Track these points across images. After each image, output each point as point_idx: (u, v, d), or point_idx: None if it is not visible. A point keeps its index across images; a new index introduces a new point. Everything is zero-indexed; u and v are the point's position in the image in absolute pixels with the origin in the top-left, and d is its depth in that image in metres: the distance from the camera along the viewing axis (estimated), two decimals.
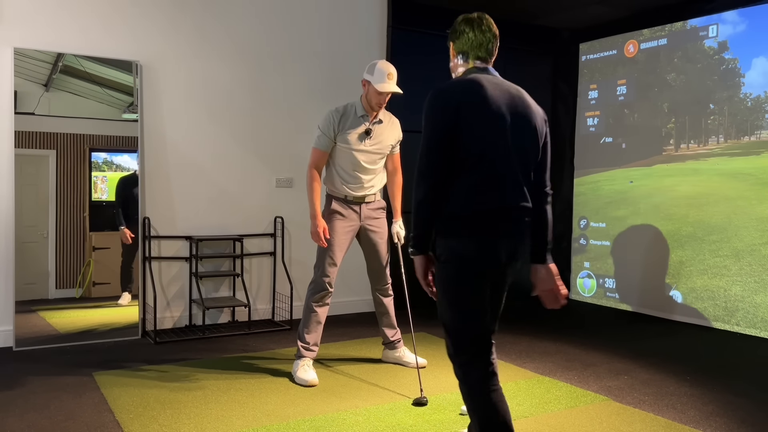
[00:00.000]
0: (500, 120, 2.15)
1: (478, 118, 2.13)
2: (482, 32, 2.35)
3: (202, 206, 4.79)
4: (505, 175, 2.15)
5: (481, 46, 2.33)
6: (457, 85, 2.20)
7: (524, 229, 2.22)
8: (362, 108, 3.61)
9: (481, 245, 2.14)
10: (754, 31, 4.90)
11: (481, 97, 2.15)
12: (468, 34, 2.34)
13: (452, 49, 2.39)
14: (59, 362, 3.85)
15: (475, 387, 2.21)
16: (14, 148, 4.13)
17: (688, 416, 3.16)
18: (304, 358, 3.61)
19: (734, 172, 5.01)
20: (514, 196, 2.17)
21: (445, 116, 2.13)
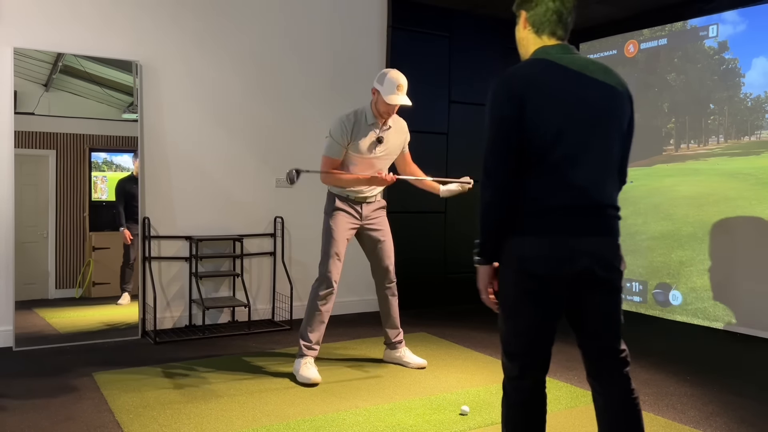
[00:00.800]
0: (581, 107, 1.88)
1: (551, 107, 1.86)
2: (562, 3, 2.00)
3: (202, 206, 4.79)
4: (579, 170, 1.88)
5: (560, 20, 2.00)
6: (525, 70, 1.92)
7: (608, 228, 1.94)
8: (372, 116, 3.58)
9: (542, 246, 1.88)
10: (754, 31, 4.90)
11: (557, 81, 1.88)
12: (547, 3, 1.99)
13: (523, 18, 2.04)
14: (59, 362, 3.85)
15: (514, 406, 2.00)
16: (14, 148, 4.13)
17: (688, 416, 3.16)
18: (306, 357, 3.61)
19: (734, 172, 5.01)
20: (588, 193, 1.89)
21: (510, 107, 1.87)
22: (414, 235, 5.59)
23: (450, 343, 4.46)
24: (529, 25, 2.04)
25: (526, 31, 2.05)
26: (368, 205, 3.72)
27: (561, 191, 1.88)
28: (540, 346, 1.98)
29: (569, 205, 1.88)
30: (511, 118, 1.87)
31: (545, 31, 2.01)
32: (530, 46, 2.04)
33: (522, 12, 2.06)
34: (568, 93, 1.89)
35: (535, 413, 2.01)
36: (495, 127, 1.90)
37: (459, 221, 5.87)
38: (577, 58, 1.97)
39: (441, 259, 5.81)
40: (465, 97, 5.85)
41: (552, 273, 1.89)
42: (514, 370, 2.00)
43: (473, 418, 3.07)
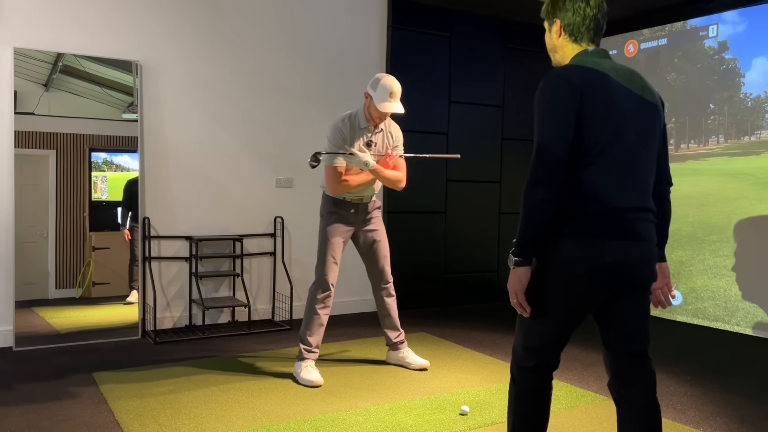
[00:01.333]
0: (625, 112, 1.90)
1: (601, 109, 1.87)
2: (598, 8, 2.00)
3: (202, 206, 4.79)
4: (624, 173, 1.90)
5: (598, 27, 2.01)
6: (578, 71, 1.90)
7: (645, 231, 1.94)
8: (365, 119, 3.57)
9: (587, 248, 1.87)
10: (754, 31, 4.91)
11: (604, 86, 1.89)
12: (584, 10, 1.98)
13: (558, 26, 2.03)
14: (59, 362, 3.85)
15: (524, 395, 2.05)
16: (14, 148, 4.13)
17: (688, 416, 3.16)
18: (307, 360, 3.60)
19: (734, 172, 5.01)
20: (635, 197, 1.92)
21: (569, 104, 1.85)
22: (414, 235, 5.59)
23: (450, 343, 4.46)
24: (565, 33, 2.03)
25: (563, 39, 2.04)
26: (364, 206, 3.72)
27: (608, 196, 1.88)
28: (560, 345, 2.03)
29: (615, 209, 1.89)
30: (569, 119, 1.85)
31: (584, 39, 2.02)
32: (567, 54, 2.04)
33: (556, 20, 2.04)
34: (618, 103, 1.91)
35: (542, 403, 2.06)
36: (552, 121, 1.87)
37: (459, 221, 5.87)
38: (620, 68, 1.99)
39: (441, 259, 5.81)
40: (465, 97, 5.85)
41: (595, 276, 1.89)
42: (529, 363, 2.04)
43: (473, 418, 3.07)
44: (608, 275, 1.89)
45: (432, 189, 5.73)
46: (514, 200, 6.18)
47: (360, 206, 3.70)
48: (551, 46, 2.10)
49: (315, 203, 5.03)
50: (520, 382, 2.06)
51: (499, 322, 5.18)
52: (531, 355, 2.03)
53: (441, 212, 5.80)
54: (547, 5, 2.08)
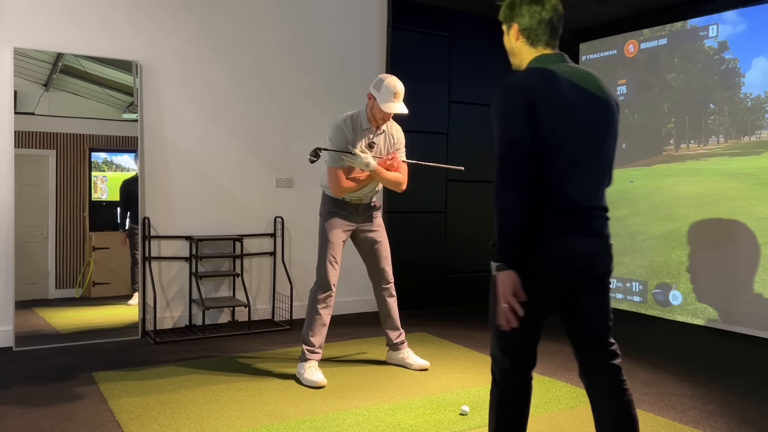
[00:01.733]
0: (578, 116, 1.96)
1: (555, 114, 1.93)
2: (554, 12, 2.07)
3: (202, 206, 4.79)
4: (582, 173, 1.97)
5: (553, 30, 2.07)
6: (532, 77, 1.97)
7: (600, 227, 2.02)
8: (366, 120, 3.56)
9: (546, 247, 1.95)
10: (754, 31, 4.91)
11: (557, 91, 1.95)
12: (540, 14, 2.05)
13: (515, 30, 2.09)
14: (59, 362, 3.85)
15: (506, 396, 2.10)
16: (14, 148, 4.13)
17: (688, 416, 3.16)
18: (310, 361, 3.60)
19: (734, 172, 5.01)
20: (589, 196, 2.00)
21: (523, 114, 1.92)
22: (414, 235, 5.59)
23: (450, 343, 4.46)
24: (522, 37, 2.09)
25: (520, 42, 2.10)
26: (364, 207, 3.71)
27: (563, 196, 1.96)
28: (532, 342, 2.08)
29: (570, 209, 1.97)
30: (524, 124, 1.92)
31: (540, 42, 2.08)
32: (525, 57, 2.10)
33: (514, 24, 2.10)
34: (572, 104, 1.96)
35: (522, 403, 2.12)
36: (508, 133, 1.95)
37: (459, 221, 5.87)
38: (575, 69, 2.04)
39: (441, 259, 5.81)
40: (465, 97, 5.85)
41: (554, 273, 1.98)
42: (506, 363, 2.09)
43: (473, 418, 3.07)
44: (567, 270, 1.97)
45: (432, 189, 5.73)
46: None
47: (360, 207, 3.69)
48: (509, 49, 2.16)
49: (315, 203, 5.03)
50: (502, 384, 2.12)
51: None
52: (509, 355, 2.09)
53: (441, 212, 5.80)
54: (505, 9, 2.13)
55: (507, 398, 2.11)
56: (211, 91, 4.80)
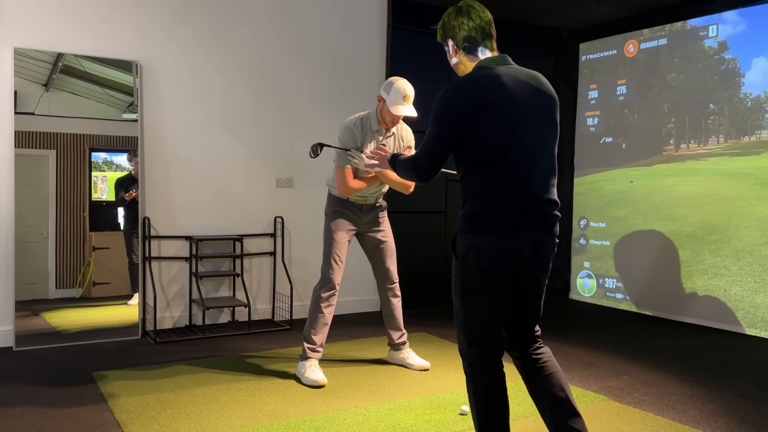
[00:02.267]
0: (521, 115, 2.08)
1: (497, 115, 2.05)
2: (480, 18, 2.23)
3: (202, 206, 4.79)
4: (526, 170, 2.09)
5: (485, 34, 2.22)
6: (471, 81, 2.10)
7: (549, 223, 2.15)
8: (376, 122, 3.56)
9: (500, 242, 2.08)
10: (754, 31, 4.91)
11: (499, 92, 2.06)
12: (467, 24, 2.21)
13: (452, 46, 2.26)
14: (59, 362, 3.85)
15: (482, 389, 2.19)
16: (14, 148, 4.14)
17: (688, 416, 3.16)
18: (311, 360, 3.60)
19: (734, 172, 5.02)
20: (537, 191, 2.11)
21: (458, 114, 2.06)
22: (414, 235, 5.59)
23: (450, 343, 4.46)
24: (460, 50, 2.25)
25: (460, 54, 2.26)
26: (369, 207, 3.71)
27: (515, 191, 2.09)
28: (497, 328, 2.20)
29: (522, 204, 2.09)
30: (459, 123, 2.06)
31: (476, 49, 2.22)
32: (468, 67, 2.24)
33: (449, 41, 2.27)
34: (518, 100, 2.08)
35: (498, 392, 2.20)
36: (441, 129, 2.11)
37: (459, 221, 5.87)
38: (517, 68, 2.17)
39: (441, 259, 5.81)
40: None
41: (507, 266, 2.11)
42: (474, 356, 2.20)
43: None
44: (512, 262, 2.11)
45: (432, 189, 5.73)
46: None
47: (365, 207, 3.69)
48: (454, 66, 2.31)
49: (315, 203, 5.04)
50: (473, 377, 2.22)
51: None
52: (476, 347, 2.19)
53: (441, 212, 5.80)
54: (439, 30, 2.31)
55: (480, 390, 2.20)
56: (212, 91, 4.80)
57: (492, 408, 2.19)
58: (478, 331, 2.17)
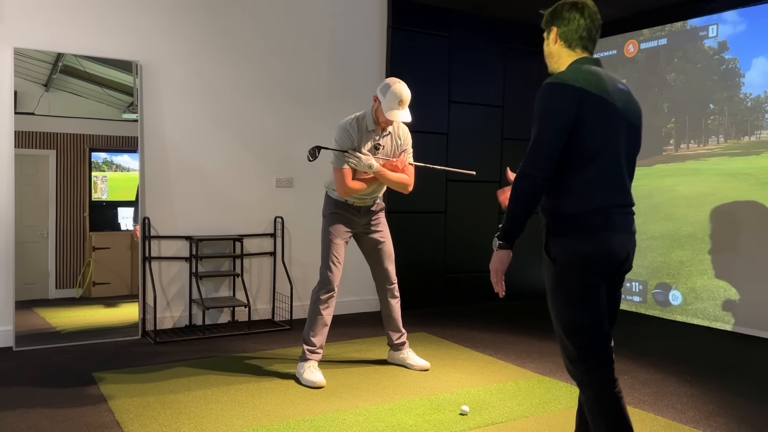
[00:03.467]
0: (618, 117, 2.09)
1: (599, 114, 2.05)
2: (591, 20, 2.22)
3: (202, 206, 4.79)
4: (617, 173, 2.10)
5: (590, 36, 2.22)
6: (577, 76, 2.08)
7: (633, 226, 2.18)
8: (372, 122, 3.56)
9: (600, 243, 2.06)
10: (754, 31, 4.91)
11: (601, 91, 2.07)
12: (578, 20, 2.20)
13: (554, 33, 2.23)
14: (59, 362, 3.85)
15: (603, 391, 2.10)
16: (14, 148, 4.13)
17: (688, 416, 3.16)
18: (310, 361, 3.60)
19: (734, 172, 5.01)
20: (624, 194, 2.12)
21: (567, 108, 2.03)
22: (414, 235, 5.59)
23: (450, 343, 4.46)
24: (560, 40, 2.23)
25: (558, 45, 2.25)
26: (366, 209, 3.71)
27: (614, 192, 2.10)
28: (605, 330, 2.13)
29: (620, 205, 2.11)
30: (569, 117, 2.03)
31: (578, 46, 2.22)
32: (563, 59, 2.24)
33: (553, 28, 2.25)
34: (610, 107, 2.08)
35: (619, 395, 2.11)
36: (550, 125, 2.05)
37: (459, 221, 5.87)
38: (610, 75, 2.18)
39: (441, 259, 5.81)
40: (465, 97, 5.85)
41: (609, 268, 2.10)
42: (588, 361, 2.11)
43: (473, 418, 3.07)
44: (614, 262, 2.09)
45: (432, 189, 5.73)
46: None
47: (362, 208, 3.69)
48: (548, 52, 2.30)
49: (315, 203, 5.03)
50: (591, 383, 2.11)
51: (499, 322, 5.18)
52: (587, 351, 2.11)
53: (441, 212, 5.80)
54: (547, 16, 2.29)
55: (602, 395, 2.10)
56: (212, 91, 4.80)
57: (620, 409, 2.09)
58: (588, 334, 2.10)
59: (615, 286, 2.19)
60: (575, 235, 2.07)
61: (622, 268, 2.15)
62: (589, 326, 2.09)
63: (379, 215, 3.77)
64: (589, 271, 2.06)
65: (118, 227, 4.63)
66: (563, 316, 2.12)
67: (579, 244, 2.06)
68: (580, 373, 2.13)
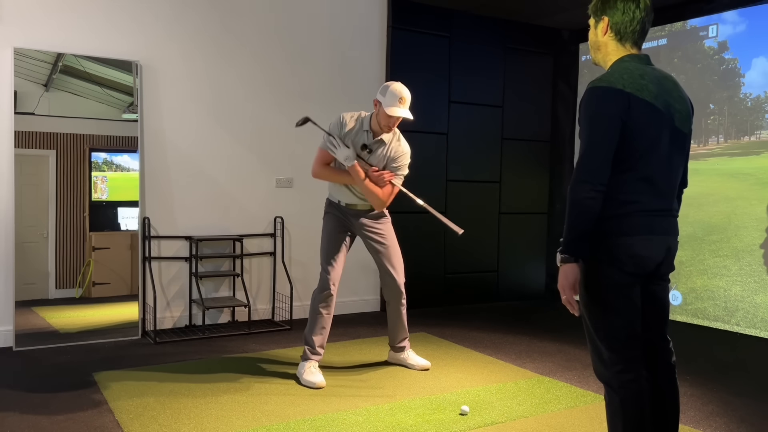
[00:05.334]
0: (663, 122, 2.01)
1: (644, 119, 1.97)
2: (646, 13, 2.05)
3: (202, 206, 4.79)
4: (659, 177, 2.03)
5: (643, 30, 2.07)
6: (625, 79, 1.98)
7: (673, 227, 2.12)
8: (369, 123, 3.56)
9: (635, 246, 2.01)
10: (754, 31, 4.90)
11: (648, 93, 1.98)
12: (634, 11, 2.03)
13: (605, 23, 2.08)
14: (59, 362, 3.85)
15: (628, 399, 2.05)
16: (14, 148, 4.13)
17: (688, 416, 3.16)
18: (310, 361, 3.60)
19: (734, 172, 5.01)
20: (664, 198, 2.07)
21: (616, 110, 1.95)
22: (414, 235, 5.59)
23: (450, 343, 4.46)
24: (611, 31, 2.08)
25: (607, 36, 2.09)
26: (357, 213, 3.68)
27: (654, 196, 2.03)
28: (638, 333, 2.09)
29: (660, 209, 2.05)
30: (618, 119, 1.95)
31: (628, 40, 2.07)
32: (610, 53, 2.10)
33: (604, 17, 2.08)
34: (658, 110, 2.00)
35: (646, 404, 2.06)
36: (602, 129, 1.96)
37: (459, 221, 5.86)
38: (661, 73, 2.08)
39: (441, 259, 5.81)
40: (465, 97, 5.85)
41: (643, 270, 2.05)
42: (620, 364, 2.05)
43: (473, 418, 3.07)
44: (649, 265, 2.04)
45: (432, 189, 5.73)
46: (514, 200, 6.18)
47: (352, 212, 3.68)
48: (594, 43, 2.14)
49: (315, 203, 5.04)
50: (619, 388, 2.06)
51: (499, 322, 5.18)
52: (619, 355, 2.06)
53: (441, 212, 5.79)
54: (596, 2, 2.11)
55: (629, 401, 2.05)
56: (212, 91, 4.80)
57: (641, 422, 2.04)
58: (621, 336, 2.05)
59: (656, 289, 2.14)
60: (611, 237, 2.01)
61: (659, 271, 2.10)
62: (621, 327, 2.04)
63: (381, 222, 3.73)
64: (622, 273, 2.01)
65: (118, 227, 4.63)
66: (594, 316, 2.07)
67: (614, 247, 2.01)
68: (608, 377, 2.09)
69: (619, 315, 2.04)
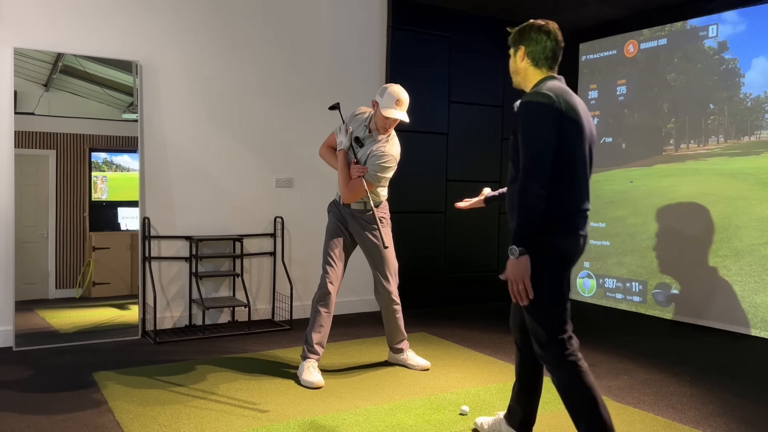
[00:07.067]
0: (583, 129, 2.33)
1: (572, 127, 2.29)
2: (557, 42, 2.44)
3: (202, 206, 4.79)
4: (584, 180, 2.36)
5: (554, 56, 2.45)
6: (557, 93, 2.29)
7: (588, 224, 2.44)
8: (368, 120, 3.64)
9: (575, 242, 2.34)
10: (754, 31, 4.91)
11: (573, 110, 2.30)
12: (545, 42, 2.42)
13: (522, 51, 2.45)
14: (59, 362, 3.85)
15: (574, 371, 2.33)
16: (14, 148, 4.13)
17: (688, 416, 3.16)
18: (309, 360, 3.61)
19: (734, 172, 5.02)
20: (588, 201, 2.39)
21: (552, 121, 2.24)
22: (414, 235, 5.59)
23: (450, 343, 4.46)
24: (527, 58, 2.45)
25: (525, 63, 2.46)
26: (351, 212, 3.69)
27: (582, 198, 2.36)
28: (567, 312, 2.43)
29: (580, 210, 2.37)
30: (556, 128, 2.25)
31: (544, 65, 2.44)
32: (530, 76, 2.46)
33: (521, 46, 2.46)
34: (581, 119, 2.33)
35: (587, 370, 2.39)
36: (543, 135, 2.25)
37: (459, 221, 5.87)
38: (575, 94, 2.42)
39: (441, 259, 5.81)
40: (465, 97, 5.85)
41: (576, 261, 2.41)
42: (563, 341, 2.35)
43: (473, 418, 3.07)
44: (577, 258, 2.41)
45: (432, 189, 5.74)
46: None
47: (347, 210, 3.70)
48: (514, 69, 2.51)
49: (315, 203, 5.05)
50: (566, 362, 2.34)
51: (499, 322, 5.18)
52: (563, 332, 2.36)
53: (441, 212, 5.80)
54: (514, 35, 2.51)
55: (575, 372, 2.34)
56: (212, 91, 4.80)
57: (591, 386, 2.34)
58: (563, 316, 2.36)
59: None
60: (559, 234, 2.31)
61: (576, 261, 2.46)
62: (562, 312, 2.37)
63: (372, 224, 3.68)
64: (567, 264, 2.36)
65: (118, 227, 4.63)
66: (543, 305, 2.33)
67: (563, 242, 2.33)
68: (552, 356, 2.36)
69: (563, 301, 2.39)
